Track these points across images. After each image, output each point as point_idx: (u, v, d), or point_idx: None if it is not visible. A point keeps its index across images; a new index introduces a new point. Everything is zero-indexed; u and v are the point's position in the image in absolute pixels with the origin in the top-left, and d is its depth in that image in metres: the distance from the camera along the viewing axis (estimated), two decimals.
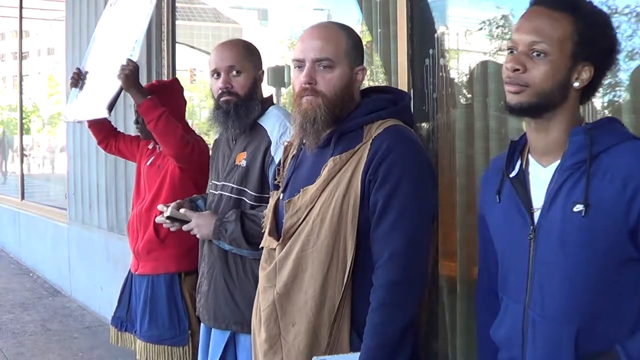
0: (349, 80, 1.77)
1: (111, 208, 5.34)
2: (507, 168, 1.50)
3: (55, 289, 6.47)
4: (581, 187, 1.34)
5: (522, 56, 1.38)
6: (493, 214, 1.55)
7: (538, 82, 1.37)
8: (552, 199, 1.39)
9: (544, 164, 1.44)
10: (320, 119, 1.73)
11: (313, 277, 1.70)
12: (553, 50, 1.36)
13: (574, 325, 1.35)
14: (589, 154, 1.35)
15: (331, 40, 1.76)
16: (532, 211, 1.43)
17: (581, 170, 1.36)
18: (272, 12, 6.04)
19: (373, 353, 1.62)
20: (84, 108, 3.17)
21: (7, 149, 13.11)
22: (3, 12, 9.95)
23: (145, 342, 2.91)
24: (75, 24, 5.84)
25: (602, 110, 2.30)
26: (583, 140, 1.36)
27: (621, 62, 2.22)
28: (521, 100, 1.38)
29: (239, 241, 2.19)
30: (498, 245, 1.55)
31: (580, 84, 1.39)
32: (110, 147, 3.30)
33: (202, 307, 2.38)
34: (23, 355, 4.56)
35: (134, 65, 2.73)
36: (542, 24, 1.37)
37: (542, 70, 1.36)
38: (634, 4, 2.16)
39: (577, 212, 1.34)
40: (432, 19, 2.72)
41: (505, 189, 1.50)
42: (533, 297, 1.41)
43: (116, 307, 3.13)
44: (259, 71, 2.37)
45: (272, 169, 2.20)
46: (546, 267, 1.39)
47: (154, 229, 2.90)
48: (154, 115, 2.68)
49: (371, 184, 1.68)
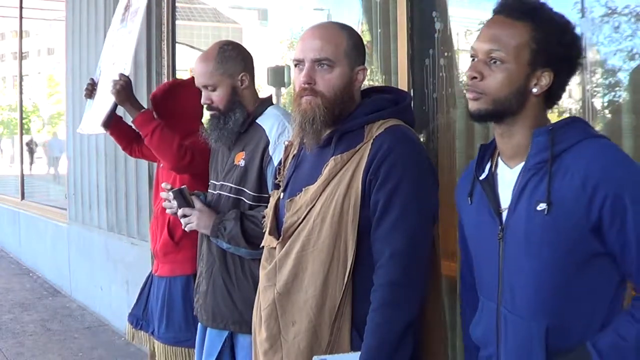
0: (349, 81, 1.78)
1: (111, 208, 5.34)
2: (477, 171, 1.54)
3: (55, 289, 6.48)
4: (543, 187, 1.37)
5: (480, 64, 1.42)
6: (467, 216, 1.60)
7: (494, 90, 1.41)
8: (517, 198, 1.42)
9: (511, 164, 1.48)
10: (319, 119, 1.74)
11: (313, 276, 1.70)
12: (509, 58, 1.40)
13: (543, 322, 1.38)
14: (551, 153, 1.38)
15: (331, 41, 1.77)
16: (500, 211, 1.46)
17: (544, 169, 1.39)
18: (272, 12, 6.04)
19: (373, 352, 1.62)
20: (91, 121, 3.18)
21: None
22: (3, 12, 9.95)
23: (163, 343, 2.92)
24: (75, 24, 5.84)
25: (602, 110, 2.30)
26: (545, 140, 1.39)
27: (621, 62, 2.22)
28: (479, 107, 1.43)
29: (237, 240, 2.19)
30: (472, 246, 1.60)
31: (539, 89, 1.41)
32: (134, 152, 3.29)
33: (201, 307, 2.38)
34: (23, 355, 4.56)
35: (125, 80, 2.73)
36: (499, 33, 1.41)
37: (498, 78, 1.40)
38: (634, 4, 2.16)
39: (540, 211, 1.37)
40: (432, 19, 2.72)
41: (476, 191, 1.54)
42: (504, 295, 1.45)
43: (134, 304, 3.13)
44: (239, 75, 2.32)
45: (270, 169, 2.21)
46: (514, 266, 1.43)
47: (169, 232, 2.91)
48: (148, 129, 2.67)
49: (372, 183, 1.68)
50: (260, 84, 4.68)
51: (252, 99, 2.36)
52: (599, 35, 2.26)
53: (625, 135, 2.11)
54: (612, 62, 2.26)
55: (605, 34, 2.24)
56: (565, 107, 2.45)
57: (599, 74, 2.30)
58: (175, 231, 2.87)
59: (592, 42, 2.29)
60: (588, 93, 2.31)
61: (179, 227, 2.83)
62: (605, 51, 2.27)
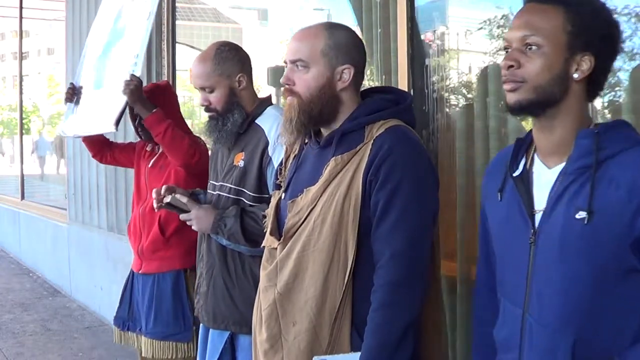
0: (327, 81, 1.77)
1: (111, 208, 5.34)
2: (511, 166, 1.46)
3: (55, 289, 6.48)
4: (585, 193, 1.29)
5: (515, 52, 1.35)
6: (494, 212, 1.51)
7: (534, 76, 1.32)
8: (554, 202, 1.34)
9: (549, 164, 1.39)
10: (295, 118, 1.76)
11: (314, 276, 1.71)
12: (546, 42, 1.32)
13: (572, 334, 1.31)
14: (595, 159, 1.30)
15: (307, 41, 1.78)
16: (533, 213, 1.39)
17: (586, 175, 1.31)
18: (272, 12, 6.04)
19: (374, 353, 1.62)
20: (85, 123, 3.20)
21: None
22: (3, 12, 9.95)
23: (150, 338, 2.93)
24: (75, 24, 5.84)
25: (602, 110, 2.30)
26: (590, 144, 1.31)
27: (621, 62, 2.22)
28: (519, 98, 1.34)
29: (237, 237, 2.19)
30: (497, 244, 1.52)
31: (581, 74, 1.33)
32: (105, 158, 3.35)
33: (202, 308, 2.38)
34: (23, 355, 4.56)
35: (138, 80, 2.76)
36: (532, 18, 1.35)
37: (537, 63, 1.32)
38: (634, 4, 2.16)
39: (580, 219, 1.29)
40: (432, 19, 2.72)
41: (507, 187, 1.45)
42: (531, 302, 1.37)
43: (118, 307, 3.14)
44: (237, 76, 2.32)
45: (269, 170, 2.21)
46: (545, 274, 1.35)
47: (160, 228, 2.92)
48: (160, 128, 2.72)
49: (372, 184, 1.68)
50: (260, 84, 4.68)
51: (250, 99, 2.36)
52: None
53: None
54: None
55: None
56: None
57: None
58: (167, 227, 2.89)
59: None
60: None
61: (171, 223, 2.86)
62: None
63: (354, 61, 1.79)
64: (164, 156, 2.99)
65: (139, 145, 3.22)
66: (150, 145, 3.10)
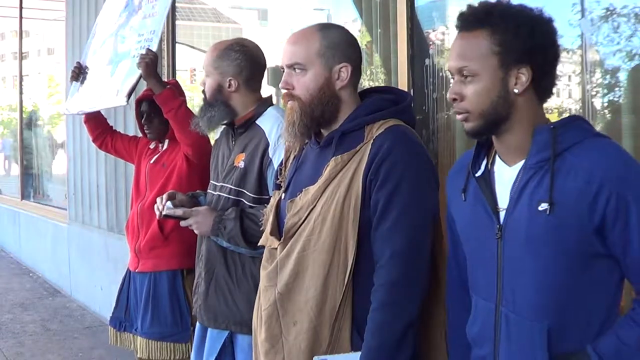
0: (326, 81, 1.78)
1: (111, 208, 5.34)
2: (473, 167, 1.52)
3: (55, 289, 6.48)
4: (545, 186, 1.36)
5: (456, 85, 1.43)
6: (460, 213, 1.57)
7: (476, 105, 1.41)
8: (517, 197, 1.41)
9: (510, 163, 1.46)
10: (298, 121, 1.77)
11: (314, 276, 1.71)
12: (480, 69, 1.39)
13: (545, 322, 1.37)
14: (553, 152, 1.36)
15: (301, 44, 1.79)
16: (497, 210, 1.45)
17: (545, 168, 1.37)
18: (272, 12, 6.03)
19: (374, 352, 1.62)
20: (92, 99, 3.15)
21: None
22: (3, 12, 9.94)
23: (146, 339, 2.91)
24: (75, 24, 5.84)
25: (602, 110, 2.30)
26: (547, 138, 1.38)
27: (621, 62, 2.23)
28: (471, 126, 1.43)
29: (237, 239, 2.19)
30: (466, 244, 1.57)
31: (521, 87, 1.40)
32: (105, 145, 3.29)
33: (200, 308, 2.38)
34: (23, 355, 4.56)
35: (154, 54, 2.73)
36: (462, 48, 1.42)
37: (476, 91, 1.40)
38: (633, 4, 2.16)
39: (542, 211, 1.35)
40: (432, 19, 2.72)
41: (471, 188, 1.52)
42: (505, 295, 1.43)
43: (114, 307, 3.13)
44: (227, 78, 2.31)
45: (270, 171, 2.21)
46: (515, 266, 1.41)
47: (158, 225, 2.91)
48: (173, 104, 2.69)
49: (372, 183, 1.68)
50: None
51: (241, 103, 2.33)
52: (599, 35, 2.26)
53: (625, 135, 2.11)
54: (612, 62, 2.27)
55: (604, 34, 2.25)
56: (565, 107, 2.45)
57: (599, 74, 2.31)
58: (166, 224, 2.88)
59: (592, 42, 2.29)
60: (588, 93, 2.31)
61: (170, 220, 2.84)
62: (605, 51, 2.27)
63: (350, 59, 1.80)
64: (166, 154, 2.98)
65: (142, 142, 3.20)
66: (154, 143, 3.10)
